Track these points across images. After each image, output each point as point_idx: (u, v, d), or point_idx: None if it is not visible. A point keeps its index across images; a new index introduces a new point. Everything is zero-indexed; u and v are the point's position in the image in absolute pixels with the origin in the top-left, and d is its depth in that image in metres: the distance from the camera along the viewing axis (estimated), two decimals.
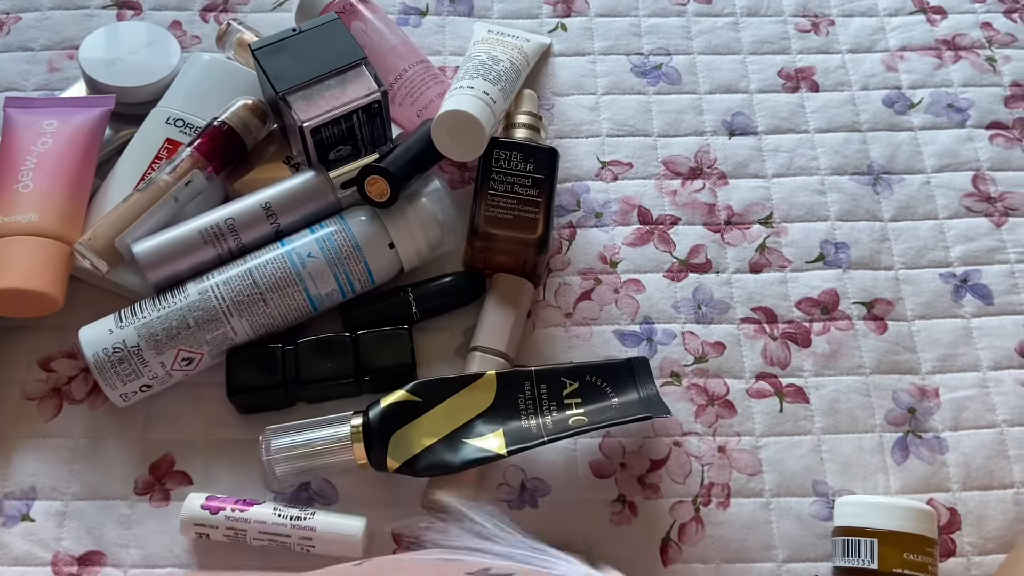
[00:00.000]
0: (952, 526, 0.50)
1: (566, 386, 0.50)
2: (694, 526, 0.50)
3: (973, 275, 0.57)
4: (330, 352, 0.51)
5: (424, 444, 0.48)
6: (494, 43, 0.61)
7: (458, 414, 0.49)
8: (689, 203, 0.60)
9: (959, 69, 0.65)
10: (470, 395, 0.49)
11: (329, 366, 0.50)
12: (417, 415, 0.48)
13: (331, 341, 0.51)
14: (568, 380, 0.50)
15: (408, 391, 0.49)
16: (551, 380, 0.50)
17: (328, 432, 0.48)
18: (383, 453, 0.48)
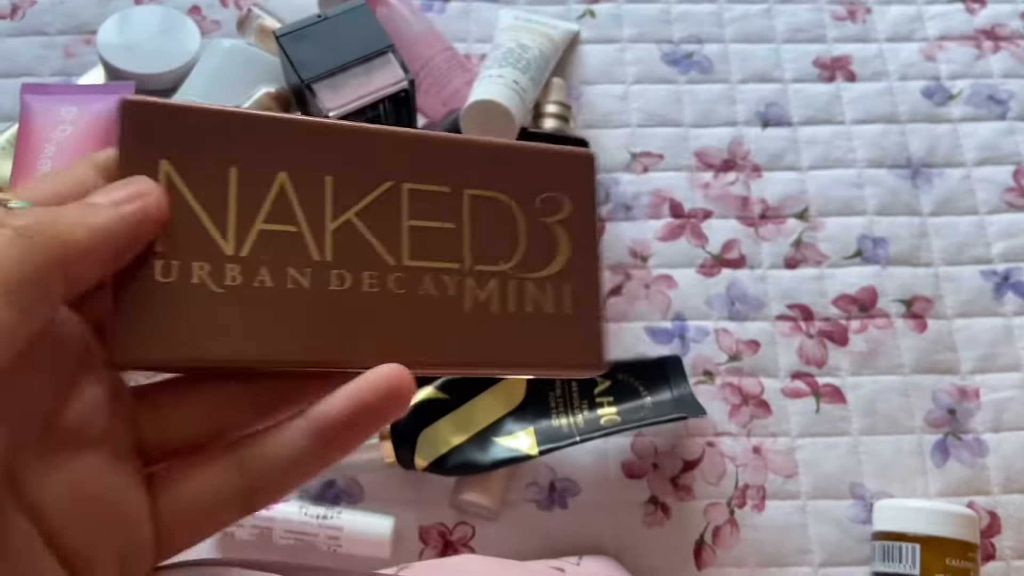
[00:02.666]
0: (992, 530, 0.49)
1: (598, 384, 0.49)
2: (728, 528, 0.49)
3: (1015, 272, 0.56)
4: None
5: (453, 443, 0.47)
6: (522, 30, 0.59)
7: (488, 412, 0.48)
8: (722, 196, 0.58)
9: (999, 60, 0.63)
10: (500, 393, 0.48)
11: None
12: (446, 412, 0.47)
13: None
14: (600, 378, 0.49)
15: (437, 388, 0.47)
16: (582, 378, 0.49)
17: None
18: (411, 451, 0.46)
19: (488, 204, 0.26)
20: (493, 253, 0.25)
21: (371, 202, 0.24)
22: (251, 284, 0.23)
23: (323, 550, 0.47)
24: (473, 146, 0.26)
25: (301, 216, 0.23)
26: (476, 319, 0.25)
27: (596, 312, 0.26)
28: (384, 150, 0.25)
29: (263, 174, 0.23)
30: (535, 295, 0.26)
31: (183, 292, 0.22)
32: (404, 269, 0.24)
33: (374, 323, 0.24)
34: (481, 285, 0.25)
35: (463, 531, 0.48)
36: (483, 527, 0.48)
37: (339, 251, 0.24)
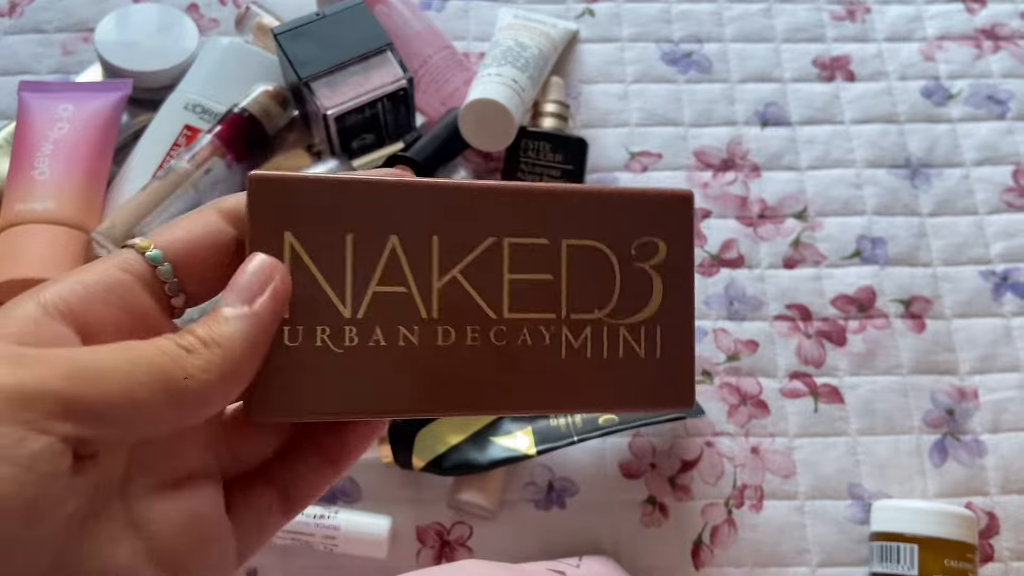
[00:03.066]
0: (990, 531, 0.49)
1: None
2: (726, 528, 0.49)
3: (1013, 273, 0.56)
4: None
5: (451, 442, 0.47)
6: (521, 29, 0.59)
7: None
8: (721, 196, 0.58)
9: (999, 60, 0.63)
10: None
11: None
12: None
13: None
14: None
15: None
16: None
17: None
18: (409, 451, 0.46)
19: (585, 252, 0.27)
20: (588, 301, 0.27)
21: (475, 259, 0.26)
22: (366, 344, 0.25)
23: (320, 550, 0.46)
24: (572, 195, 0.27)
25: (410, 277, 0.26)
26: (571, 366, 0.27)
27: (686, 354, 0.27)
28: (487, 206, 0.26)
29: (376, 238, 0.25)
30: (628, 340, 0.27)
31: (308, 354, 0.24)
32: (504, 322, 0.26)
33: (475, 374, 0.26)
34: (576, 333, 0.27)
35: (461, 531, 0.48)
36: (481, 527, 0.48)
37: (445, 308, 0.26)
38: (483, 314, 0.26)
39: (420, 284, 0.26)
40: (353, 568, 0.47)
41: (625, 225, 0.27)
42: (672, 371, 0.27)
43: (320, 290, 0.25)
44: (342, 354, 0.25)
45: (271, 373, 0.24)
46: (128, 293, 0.20)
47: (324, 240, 0.25)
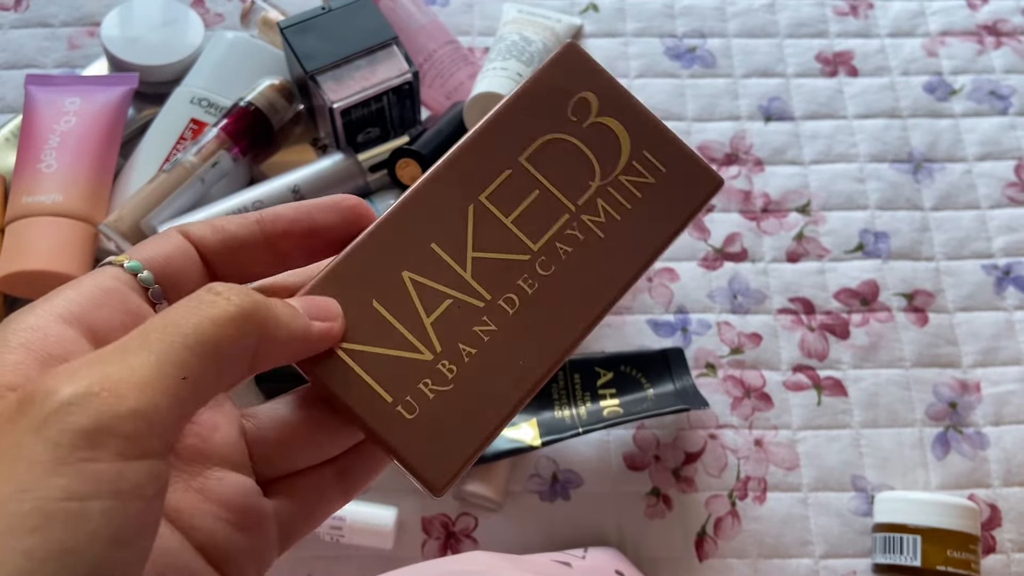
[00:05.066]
0: (993, 522, 0.49)
1: (600, 376, 0.49)
2: (730, 520, 0.49)
3: (1016, 267, 0.56)
4: None
5: None
6: (525, 23, 0.59)
7: None
8: (724, 190, 0.58)
9: (1001, 55, 0.63)
10: None
11: None
12: None
13: None
14: (602, 370, 0.49)
15: None
16: (585, 370, 0.49)
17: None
18: None
19: (543, 152, 0.28)
20: (580, 181, 0.28)
21: (474, 232, 0.27)
22: (464, 363, 0.26)
23: (326, 540, 0.47)
24: (492, 126, 0.28)
25: (445, 288, 0.26)
26: (615, 235, 0.28)
27: (682, 149, 0.28)
28: (443, 191, 0.27)
29: (394, 287, 0.26)
30: (633, 181, 0.28)
31: (432, 411, 0.25)
32: (539, 253, 0.27)
33: (558, 306, 0.26)
34: (592, 212, 0.28)
35: (466, 522, 0.48)
36: (486, 518, 0.49)
37: (490, 286, 0.27)
38: (519, 262, 0.27)
39: (457, 287, 0.27)
40: (359, 558, 0.47)
41: (549, 107, 0.29)
42: (685, 171, 0.28)
43: (393, 358, 0.26)
44: (455, 387, 0.26)
45: (418, 449, 0.25)
46: (123, 296, 0.20)
47: (364, 319, 0.26)
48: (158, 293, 0.21)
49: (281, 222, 0.23)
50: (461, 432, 0.25)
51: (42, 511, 0.15)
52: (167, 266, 0.21)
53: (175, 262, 0.22)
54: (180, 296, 0.21)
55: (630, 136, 0.28)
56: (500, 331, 0.26)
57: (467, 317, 0.26)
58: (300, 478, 0.23)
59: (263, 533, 0.21)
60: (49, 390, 0.16)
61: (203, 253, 0.22)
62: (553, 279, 0.27)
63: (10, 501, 0.15)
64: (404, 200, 0.27)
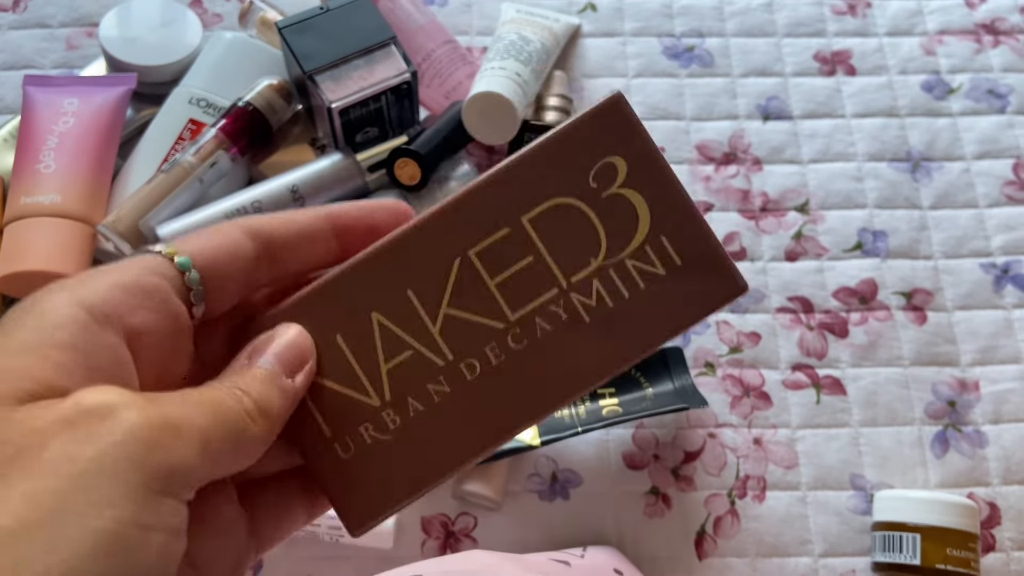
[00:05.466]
0: (992, 521, 0.49)
1: None
2: (729, 519, 0.49)
3: (1014, 265, 0.56)
4: None
5: None
6: (523, 23, 0.59)
7: None
8: (723, 189, 0.58)
9: (999, 54, 0.64)
10: None
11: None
12: None
13: None
14: None
15: None
16: None
17: None
18: None
19: (549, 216, 0.25)
20: (580, 256, 0.25)
21: (453, 287, 0.25)
22: (408, 417, 0.25)
23: (326, 540, 0.47)
24: (504, 175, 0.25)
25: (409, 339, 0.25)
26: (601, 323, 0.25)
27: (708, 243, 0.25)
28: (433, 236, 0.25)
29: (360, 325, 0.25)
30: (639, 267, 0.25)
31: (366, 455, 0.25)
32: (515, 324, 0.25)
33: (517, 385, 0.25)
34: (585, 293, 0.25)
35: (465, 522, 0.48)
36: (485, 518, 0.49)
37: (454, 346, 0.25)
38: (491, 329, 0.26)
39: (421, 339, 0.25)
40: (359, 558, 0.47)
41: (570, 167, 0.26)
42: (703, 267, 0.25)
43: (342, 395, 0.25)
44: (393, 439, 0.25)
45: (344, 488, 0.25)
46: (165, 298, 0.20)
47: (324, 350, 0.25)
48: (199, 295, 0.21)
49: (347, 218, 0.24)
50: (388, 483, 0.25)
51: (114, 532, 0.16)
52: (214, 263, 0.21)
53: (222, 260, 0.21)
54: (217, 299, 0.21)
55: (652, 217, 0.25)
56: (452, 395, 0.25)
57: (423, 373, 0.25)
58: (266, 486, 0.23)
59: (237, 539, 0.22)
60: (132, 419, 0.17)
61: (273, 246, 0.22)
62: (521, 355, 0.25)
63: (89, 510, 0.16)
64: (392, 238, 0.25)
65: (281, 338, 0.22)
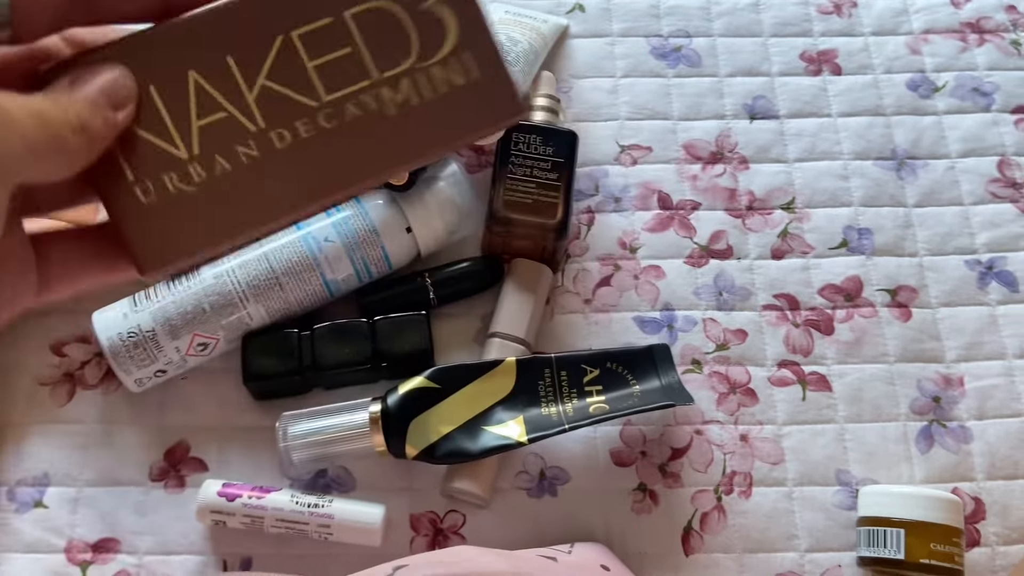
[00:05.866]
0: (977, 516, 0.50)
1: (586, 373, 0.50)
2: (716, 515, 0.49)
3: (999, 262, 0.57)
4: (347, 338, 0.50)
5: (443, 431, 0.47)
6: (511, 24, 0.60)
7: (477, 401, 0.48)
8: (710, 188, 0.59)
9: (984, 52, 0.64)
10: (490, 382, 0.48)
11: (346, 352, 0.50)
12: (436, 402, 0.48)
13: (348, 327, 0.50)
14: (588, 367, 0.50)
15: (427, 377, 0.48)
16: (571, 367, 0.50)
17: (346, 419, 0.47)
18: (402, 440, 0.47)
19: (370, 16, 0.28)
20: (393, 57, 0.28)
21: (273, 62, 0.28)
22: (214, 174, 0.27)
23: (314, 539, 0.47)
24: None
25: (224, 101, 0.27)
26: (405, 117, 0.28)
27: (501, 67, 0.28)
28: (261, 12, 0.28)
29: (176, 81, 0.27)
30: (444, 75, 0.29)
31: (167, 202, 0.26)
32: (327, 105, 0.28)
33: (323, 159, 0.27)
34: (395, 88, 0.28)
35: (454, 519, 0.49)
36: (474, 515, 0.49)
37: (267, 115, 0.27)
38: (304, 106, 0.28)
39: (236, 104, 0.27)
40: (348, 556, 0.47)
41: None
42: (494, 86, 0.29)
43: (149, 144, 0.27)
44: (197, 190, 0.27)
45: (141, 230, 0.26)
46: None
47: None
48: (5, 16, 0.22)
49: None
50: (186, 232, 0.26)
51: None
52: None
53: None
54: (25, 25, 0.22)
55: (459, 34, 0.28)
56: (259, 160, 0.27)
57: (234, 135, 0.27)
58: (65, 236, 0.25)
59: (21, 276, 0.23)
60: None
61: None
62: (329, 133, 0.27)
63: None
64: (222, 4, 0.27)
65: (106, 74, 0.24)
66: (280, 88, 0.28)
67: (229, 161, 0.27)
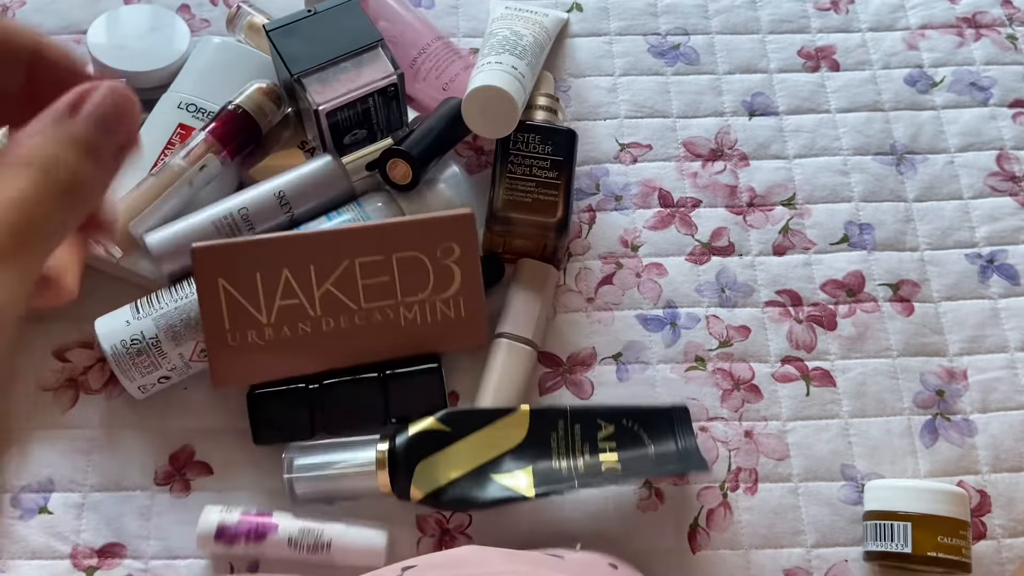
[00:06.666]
0: (982, 508, 0.50)
1: (601, 428, 0.48)
2: (722, 512, 0.49)
3: (999, 255, 0.57)
4: (358, 396, 0.48)
5: (451, 476, 0.46)
6: (514, 19, 0.60)
7: (488, 448, 0.47)
8: (710, 185, 0.59)
9: (981, 47, 0.64)
10: (501, 429, 0.47)
11: (358, 411, 0.48)
12: (445, 445, 0.46)
13: (359, 385, 0.48)
14: (604, 423, 0.48)
15: (438, 420, 0.47)
16: (586, 420, 0.48)
17: (353, 455, 0.46)
18: (407, 481, 0.46)
19: (408, 259, 0.48)
20: (414, 289, 0.48)
21: (339, 275, 0.47)
22: (279, 337, 0.47)
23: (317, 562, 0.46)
24: (393, 228, 0.48)
25: (300, 292, 0.47)
26: (410, 328, 0.48)
27: (480, 313, 0.49)
28: (342, 242, 0.47)
29: (274, 274, 0.47)
30: (442, 309, 0.48)
31: (246, 347, 0.47)
32: (363, 310, 0.47)
33: (350, 342, 0.48)
34: (409, 309, 0.48)
35: (460, 519, 0.49)
36: (480, 515, 0.49)
37: (324, 308, 0.47)
38: (349, 307, 0.47)
39: (306, 296, 0.47)
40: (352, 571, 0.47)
41: (432, 238, 0.48)
42: (471, 325, 0.48)
43: (245, 309, 0.46)
44: (265, 344, 0.47)
45: (226, 360, 0.47)
46: None
47: (243, 278, 0.46)
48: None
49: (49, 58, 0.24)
50: (250, 369, 0.47)
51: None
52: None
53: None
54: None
55: (461, 285, 0.48)
56: (310, 335, 0.47)
57: (299, 316, 0.47)
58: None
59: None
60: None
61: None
62: (358, 328, 0.47)
63: None
64: (321, 232, 0.47)
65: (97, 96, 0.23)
66: (337, 293, 0.47)
67: (291, 331, 0.46)
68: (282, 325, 0.46)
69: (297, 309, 0.46)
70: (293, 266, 0.46)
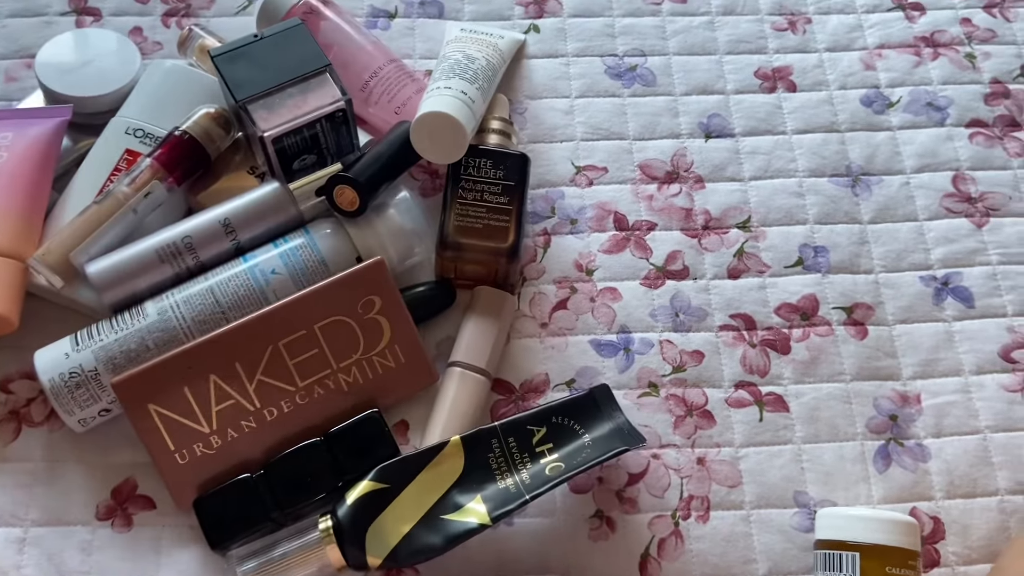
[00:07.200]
0: (936, 535, 0.49)
1: (534, 434, 0.47)
2: (673, 540, 0.49)
3: (954, 277, 0.56)
4: (305, 464, 0.46)
5: (403, 531, 0.44)
6: (468, 41, 0.59)
7: (431, 490, 0.46)
8: (666, 208, 0.58)
9: (938, 66, 0.64)
10: (438, 467, 0.46)
11: (309, 482, 0.46)
12: (388, 502, 0.45)
13: (303, 452, 0.46)
14: (535, 427, 0.47)
15: (373, 480, 0.45)
16: (517, 431, 0.47)
17: (298, 543, 0.44)
18: (361, 551, 0.44)
19: (332, 326, 0.47)
20: (346, 351, 0.48)
21: (266, 364, 0.47)
22: (227, 440, 0.46)
23: None
24: (305, 300, 0.47)
25: (233, 392, 0.46)
26: (355, 390, 0.48)
27: (420, 353, 0.49)
28: (259, 329, 0.47)
29: (201, 382, 0.46)
30: (380, 362, 0.48)
31: (196, 461, 0.46)
32: (301, 389, 0.47)
33: (300, 422, 0.47)
34: (348, 373, 0.48)
35: None
36: None
37: (262, 399, 0.47)
38: (286, 391, 0.47)
39: (241, 393, 0.46)
40: None
41: (349, 297, 0.47)
42: (414, 368, 0.49)
43: (184, 425, 0.46)
44: (216, 452, 0.46)
45: (181, 479, 0.46)
46: None
47: (172, 397, 0.46)
48: None
49: None
50: (209, 478, 0.46)
51: None
52: None
53: None
54: None
55: (392, 334, 0.48)
56: (256, 429, 0.46)
57: (239, 414, 0.46)
58: None
59: None
60: None
61: None
62: (302, 407, 0.47)
63: None
64: (234, 327, 0.46)
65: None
66: (271, 381, 0.46)
67: (236, 432, 0.46)
68: (226, 428, 0.45)
69: (236, 408, 0.46)
70: (218, 369, 0.46)
